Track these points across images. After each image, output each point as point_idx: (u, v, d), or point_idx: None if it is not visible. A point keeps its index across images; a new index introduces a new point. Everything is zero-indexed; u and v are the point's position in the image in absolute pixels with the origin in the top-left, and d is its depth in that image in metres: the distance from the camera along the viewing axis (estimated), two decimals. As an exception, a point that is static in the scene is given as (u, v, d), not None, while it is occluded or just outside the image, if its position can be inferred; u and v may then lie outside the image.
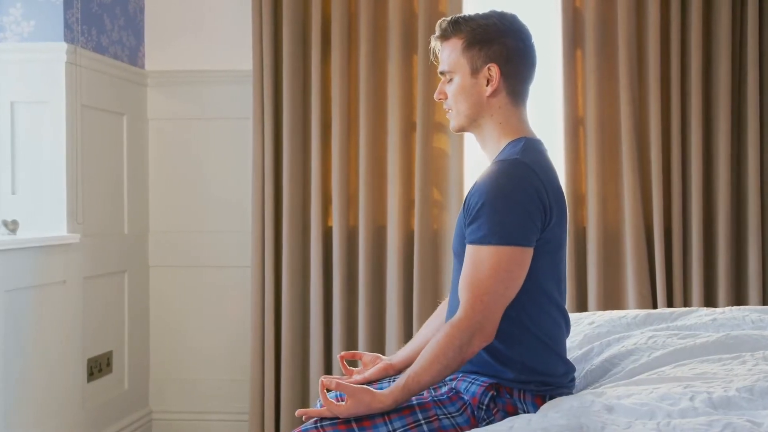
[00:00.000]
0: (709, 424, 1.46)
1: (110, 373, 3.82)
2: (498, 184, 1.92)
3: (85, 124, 3.56)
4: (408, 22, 3.91)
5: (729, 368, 1.94)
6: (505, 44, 2.03)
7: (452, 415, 1.96)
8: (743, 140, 3.79)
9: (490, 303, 1.89)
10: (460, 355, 1.90)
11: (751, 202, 3.74)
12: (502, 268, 1.89)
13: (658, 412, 1.60)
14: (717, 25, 3.77)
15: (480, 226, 1.92)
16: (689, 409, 1.58)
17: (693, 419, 1.51)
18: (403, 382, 1.93)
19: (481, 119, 2.07)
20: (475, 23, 2.04)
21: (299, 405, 3.97)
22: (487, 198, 1.92)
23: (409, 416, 1.94)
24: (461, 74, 2.06)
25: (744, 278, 3.80)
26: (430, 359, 1.91)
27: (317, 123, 3.91)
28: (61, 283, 3.40)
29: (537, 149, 2.03)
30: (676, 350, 2.13)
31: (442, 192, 3.93)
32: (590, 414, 1.62)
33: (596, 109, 3.80)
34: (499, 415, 1.96)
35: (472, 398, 1.98)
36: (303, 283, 3.98)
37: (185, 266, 4.15)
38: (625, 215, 3.78)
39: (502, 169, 1.94)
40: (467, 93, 2.05)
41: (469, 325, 1.89)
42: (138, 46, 4.05)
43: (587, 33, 3.82)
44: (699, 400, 1.62)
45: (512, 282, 1.91)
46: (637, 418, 1.59)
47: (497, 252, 1.89)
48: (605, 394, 1.80)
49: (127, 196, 3.93)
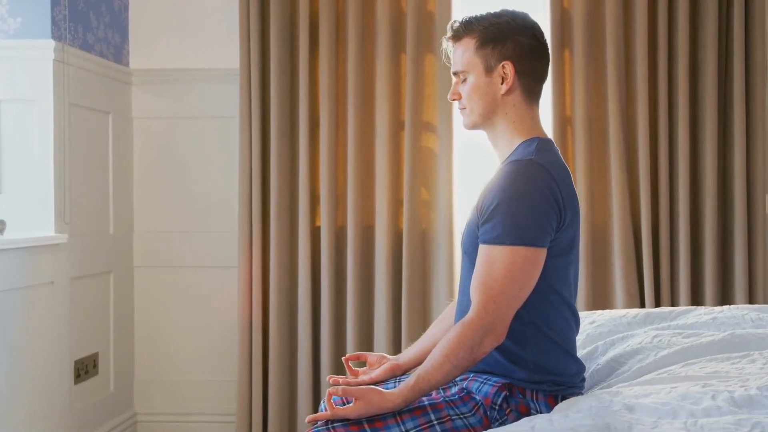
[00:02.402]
0: (737, 423, 1.47)
1: (96, 375, 3.77)
2: (513, 184, 1.92)
3: (72, 123, 3.51)
4: (396, 21, 3.90)
5: (740, 367, 1.95)
6: (518, 42, 2.02)
7: (465, 416, 1.96)
8: (729, 140, 3.83)
9: (503, 303, 1.89)
10: (471, 355, 1.89)
11: (737, 201, 3.77)
12: (517, 268, 1.89)
13: (681, 411, 1.60)
14: (704, 25, 3.80)
15: (494, 226, 1.91)
16: (713, 408, 1.59)
17: (719, 418, 1.52)
18: (413, 382, 1.92)
19: (495, 117, 2.07)
20: (487, 22, 2.03)
21: (287, 406, 3.95)
22: (502, 198, 1.91)
23: (422, 417, 1.93)
24: (475, 73, 2.05)
25: (730, 277, 3.84)
26: (441, 359, 1.90)
27: (305, 122, 3.89)
28: (49, 284, 3.35)
29: (551, 150, 2.03)
30: (682, 349, 2.14)
31: (430, 191, 3.93)
32: (613, 414, 1.62)
33: (584, 108, 3.82)
34: (512, 415, 1.96)
35: (485, 398, 1.97)
36: (291, 283, 3.96)
37: (171, 267, 4.10)
38: (613, 214, 3.80)
39: (517, 170, 1.94)
40: (482, 92, 2.05)
41: (481, 326, 1.88)
42: (123, 43, 4.00)
43: (575, 33, 3.83)
44: (721, 399, 1.62)
45: (526, 283, 1.91)
46: (660, 418, 1.60)
47: (512, 252, 1.89)
48: (621, 393, 1.81)
49: (113, 195, 3.88)
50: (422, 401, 1.95)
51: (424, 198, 3.93)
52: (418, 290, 3.89)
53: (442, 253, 3.87)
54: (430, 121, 3.92)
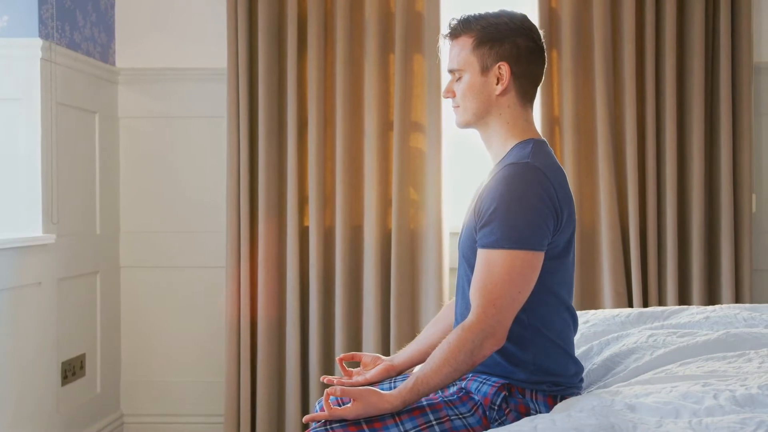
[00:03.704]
0: (741, 422, 1.47)
1: (83, 376, 3.74)
2: (511, 188, 1.92)
3: (59, 123, 3.48)
4: (385, 21, 3.90)
5: (737, 366, 1.96)
6: (516, 43, 2.02)
7: (464, 416, 1.96)
8: (716, 140, 3.85)
9: (503, 307, 1.89)
10: (471, 358, 1.89)
11: (724, 201, 3.80)
12: (516, 272, 1.89)
13: (683, 410, 1.61)
14: (691, 27, 3.82)
15: (493, 230, 1.91)
16: (715, 407, 1.60)
17: (723, 417, 1.52)
18: (412, 384, 1.92)
19: (489, 117, 2.07)
20: (485, 21, 2.03)
21: (275, 406, 3.94)
22: (500, 202, 1.91)
23: (420, 417, 1.93)
24: (471, 72, 2.05)
25: (717, 277, 3.86)
26: (440, 361, 1.90)
27: (293, 122, 3.88)
28: (36, 284, 3.32)
29: (546, 152, 2.03)
30: (678, 348, 2.16)
31: (419, 191, 3.92)
32: (616, 413, 1.63)
33: (572, 109, 3.83)
34: (511, 415, 1.96)
35: (484, 398, 1.97)
36: (279, 283, 3.94)
37: (158, 267, 4.08)
38: (601, 215, 3.82)
39: (514, 173, 1.94)
40: (476, 91, 2.05)
41: (481, 329, 1.88)
42: (109, 42, 3.97)
43: (563, 34, 3.84)
44: (723, 398, 1.63)
45: (525, 286, 1.91)
46: (663, 417, 1.60)
47: (511, 256, 1.89)
48: (621, 393, 1.81)
49: (100, 195, 3.85)
50: (421, 402, 1.96)
51: (412, 198, 3.93)
52: (406, 290, 3.89)
53: (430, 252, 3.87)
54: (419, 121, 3.92)
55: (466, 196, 3.91)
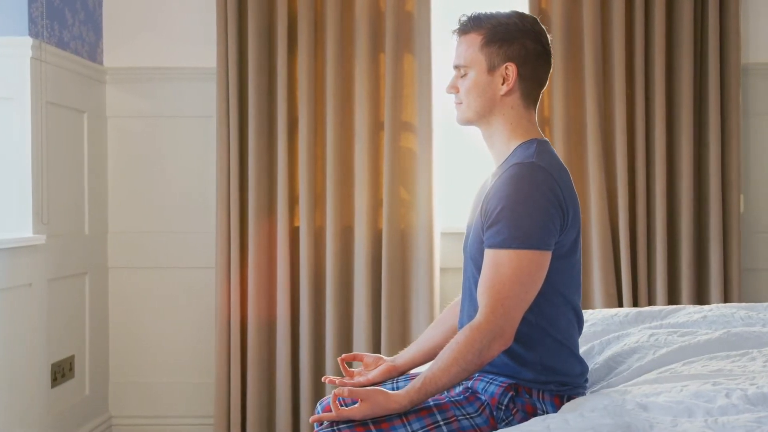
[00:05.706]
0: (758, 421, 1.48)
1: (73, 378, 3.71)
2: (517, 188, 1.92)
3: (49, 122, 3.45)
4: (375, 21, 3.89)
5: (742, 365, 1.98)
6: (524, 45, 2.03)
7: (471, 416, 1.96)
8: (705, 140, 3.88)
9: (510, 307, 1.89)
10: (479, 358, 1.89)
11: (713, 202, 3.83)
12: (523, 272, 1.90)
13: (696, 410, 1.62)
14: (680, 27, 3.85)
15: (500, 230, 1.91)
16: (728, 406, 1.61)
17: (738, 416, 1.53)
18: (420, 384, 1.92)
19: (491, 117, 2.06)
20: (496, 20, 2.03)
21: (266, 407, 3.92)
22: (506, 202, 1.91)
23: (428, 417, 1.93)
24: (477, 70, 2.04)
25: (706, 276, 3.89)
26: (449, 361, 1.90)
27: (283, 122, 3.87)
28: (27, 285, 3.29)
29: (550, 151, 2.04)
30: (681, 348, 2.17)
31: (410, 191, 3.92)
32: (629, 413, 1.63)
33: (562, 109, 3.85)
34: (518, 415, 1.96)
35: (491, 398, 1.98)
36: (269, 283, 3.93)
37: (147, 267, 4.05)
38: (592, 215, 3.83)
39: (519, 173, 1.94)
40: (481, 89, 2.04)
41: (489, 329, 1.88)
42: (97, 41, 3.94)
43: (553, 34, 3.85)
44: (735, 397, 1.64)
45: (532, 286, 1.92)
46: (677, 416, 1.61)
47: (518, 256, 1.90)
48: (630, 392, 1.82)
49: (88, 196, 3.82)
50: (428, 402, 1.95)
51: (403, 198, 3.93)
52: (397, 290, 3.89)
53: (421, 253, 3.86)
54: (410, 121, 3.92)
55: (457, 196, 3.96)
